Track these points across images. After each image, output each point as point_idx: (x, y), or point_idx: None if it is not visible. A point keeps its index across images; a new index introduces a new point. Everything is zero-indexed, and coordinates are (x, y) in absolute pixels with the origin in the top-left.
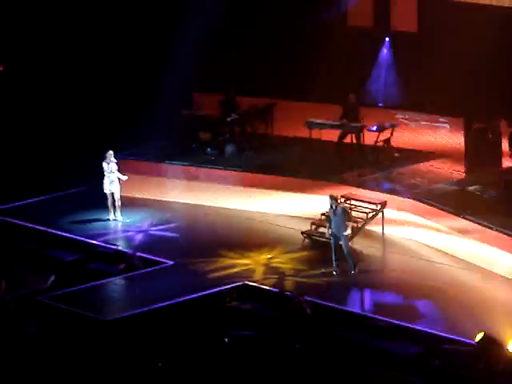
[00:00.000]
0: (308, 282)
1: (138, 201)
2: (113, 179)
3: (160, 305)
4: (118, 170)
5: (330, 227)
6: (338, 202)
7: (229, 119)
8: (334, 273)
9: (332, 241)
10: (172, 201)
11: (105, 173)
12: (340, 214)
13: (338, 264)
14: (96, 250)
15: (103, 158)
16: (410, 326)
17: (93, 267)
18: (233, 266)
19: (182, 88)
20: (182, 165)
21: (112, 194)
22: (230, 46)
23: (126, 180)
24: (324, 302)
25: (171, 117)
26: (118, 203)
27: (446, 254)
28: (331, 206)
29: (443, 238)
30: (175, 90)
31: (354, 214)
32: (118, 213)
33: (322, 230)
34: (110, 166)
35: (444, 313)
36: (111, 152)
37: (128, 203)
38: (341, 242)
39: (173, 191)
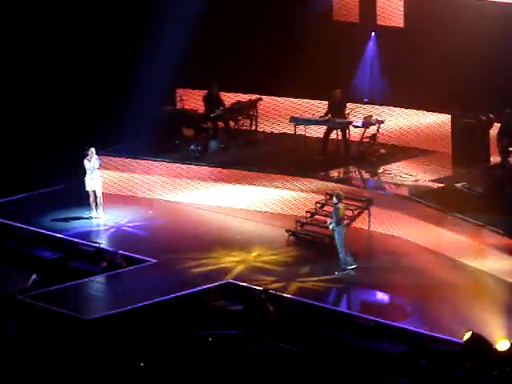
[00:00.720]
0: (291, 281)
1: (120, 198)
2: (94, 177)
3: (142, 304)
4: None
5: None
6: (336, 201)
7: (212, 115)
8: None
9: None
10: (155, 198)
11: (86, 170)
12: (333, 213)
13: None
14: (77, 248)
15: (85, 155)
16: (396, 325)
17: (74, 266)
18: (216, 264)
19: (164, 84)
20: (165, 161)
21: (94, 191)
22: (214, 40)
23: (108, 177)
24: (309, 301)
25: (154, 113)
26: (99, 201)
27: (433, 251)
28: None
29: (430, 236)
30: (158, 85)
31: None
32: (100, 210)
33: (306, 227)
34: (92, 164)
35: (431, 311)
36: (93, 149)
37: (110, 200)
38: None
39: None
